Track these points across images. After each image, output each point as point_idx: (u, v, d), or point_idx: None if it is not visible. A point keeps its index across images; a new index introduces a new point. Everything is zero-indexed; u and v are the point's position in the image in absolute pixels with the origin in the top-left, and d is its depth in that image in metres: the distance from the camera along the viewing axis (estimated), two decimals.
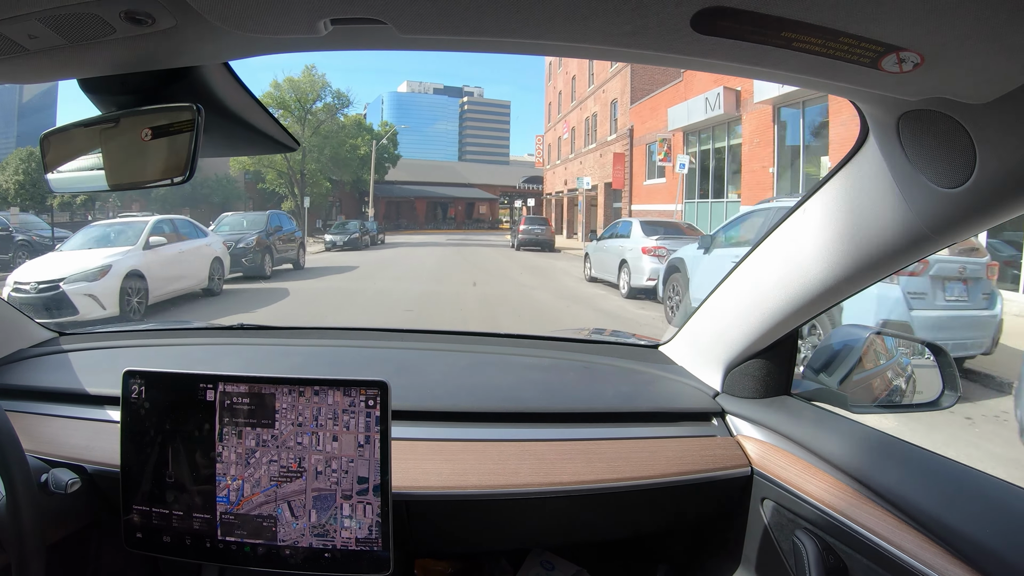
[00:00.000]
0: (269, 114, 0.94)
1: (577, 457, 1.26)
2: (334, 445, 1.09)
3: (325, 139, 37.85)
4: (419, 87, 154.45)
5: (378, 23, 0.62)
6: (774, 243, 1.19)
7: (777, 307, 1.21)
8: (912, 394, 1.36)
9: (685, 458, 1.29)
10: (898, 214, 0.89)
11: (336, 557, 1.10)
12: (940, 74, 0.64)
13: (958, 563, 0.88)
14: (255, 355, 1.71)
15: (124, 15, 0.64)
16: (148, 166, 0.80)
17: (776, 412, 1.32)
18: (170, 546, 1.13)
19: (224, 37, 0.68)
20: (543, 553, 1.50)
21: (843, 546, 1.06)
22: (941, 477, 1.02)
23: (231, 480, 1.11)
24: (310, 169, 37.40)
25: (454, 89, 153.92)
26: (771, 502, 1.24)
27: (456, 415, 1.37)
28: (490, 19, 0.61)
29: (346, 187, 44.77)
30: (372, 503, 1.09)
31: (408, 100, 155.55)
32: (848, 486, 1.10)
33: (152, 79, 0.80)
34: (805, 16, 0.56)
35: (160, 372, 1.14)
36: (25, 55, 0.72)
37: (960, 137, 0.72)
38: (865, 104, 0.82)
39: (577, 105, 35.06)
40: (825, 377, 1.33)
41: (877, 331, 1.35)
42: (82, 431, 1.31)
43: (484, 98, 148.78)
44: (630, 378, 1.56)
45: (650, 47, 0.65)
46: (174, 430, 1.12)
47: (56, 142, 0.88)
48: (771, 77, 0.73)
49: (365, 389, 1.09)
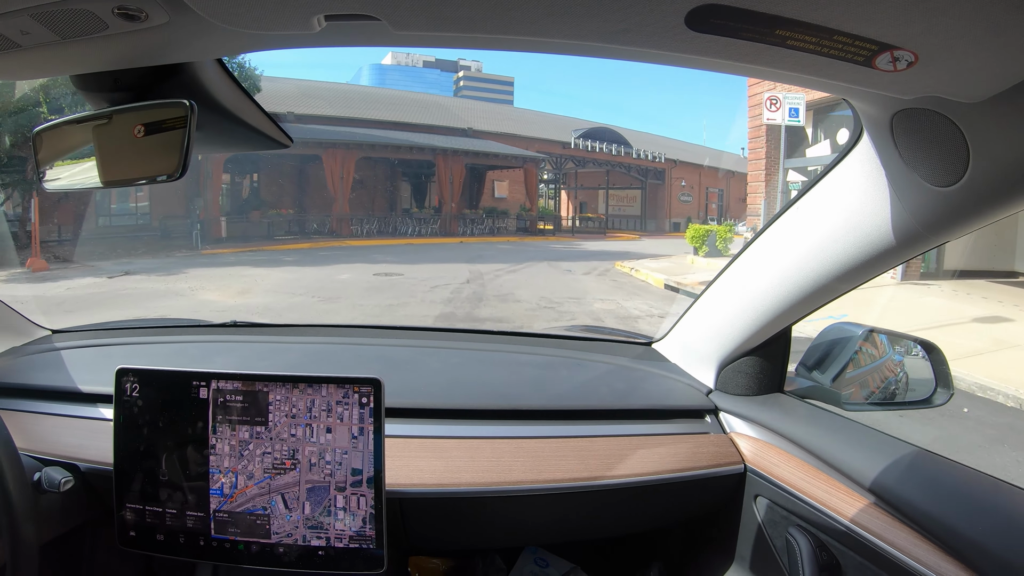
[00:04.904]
0: (262, 110, 0.93)
1: (571, 454, 1.26)
2: (328, 437, 1.09)
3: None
4: (406, 59, 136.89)
5: (372, 19, 0.62)
6: (768, 241, 1.19)
7: (771, 305, 1.22)
8: (905, 391, 1.37)
9: (678, 455, 1.29)
10: (892, 212, 0.90)
11: (330, 554, 1.10)
12: (934, 73, 0.65)
13: (950, 559, 0.89)
14: (249, 352, 1.70)
15: (117, 11, 0.63)
16: (141, 163, 0.80)
17: (769, 409, 1.33)
18: (163, 544, 1.13)
19: (217, 33, 0.68)
20: (537, 550, 1.50)
21: (836, 543, 1.07)
22: (933, 474, 1.02)
23: (224, 473, 1.11)
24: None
25: (448, 63, 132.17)
26: (764, 499, 1.25)
27: (450, 412, 1.37)
28: (483, 16, 0.61)
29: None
30: (366, 495, 1.09)
31: (393, 73, 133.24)
32: (841, 483, 1.11)
33: (145, 75, 0.80)
34: (800, 14, 0.56)
35: (153, 370, 1.13)
36: (17, 51, 0.72)
37: (953, 136, 0.73)
38: (859, 102, 0.82)
39: None
40: (818, 374, 1.34)
41: (870, 328, 1.35)
42: (75, 429, 1.30)
43: (483, 73, 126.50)
44: (623, 375, 1.56)
45: (644, 45, 0.65)
46: (167, 428, 1.12)
47: (48, 139, 0.88)
48: (765, 75, 0.73)
49: (359, 387, 1.09)
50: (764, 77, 0.75)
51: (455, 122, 27.39)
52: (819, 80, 0.73)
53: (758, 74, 0.74)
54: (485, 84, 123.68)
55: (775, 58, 0.65)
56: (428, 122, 26.27)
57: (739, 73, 0.76)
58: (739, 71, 0.74)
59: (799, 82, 0.76)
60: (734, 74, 0.75)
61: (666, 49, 0.66)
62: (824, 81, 0.72)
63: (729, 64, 0.70)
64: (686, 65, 0.72)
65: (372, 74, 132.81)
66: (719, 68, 0.73)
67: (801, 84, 0.78)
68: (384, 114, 25.54)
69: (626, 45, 0.65)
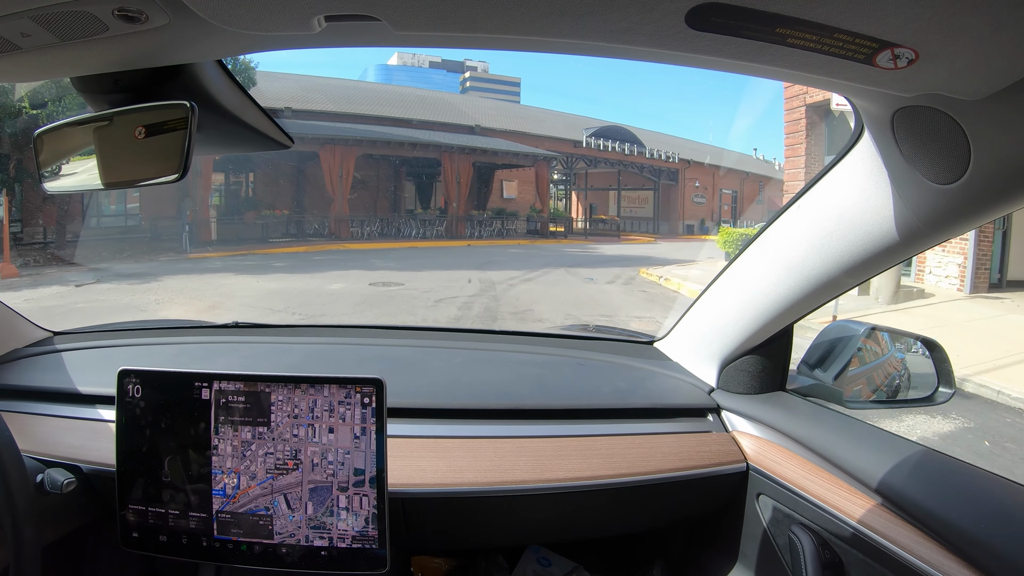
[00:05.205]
0: (263, 111, 0.93)
1: (573, 454, 1.26)
2: (330, 437, 1.10)
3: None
4: (412, 59, 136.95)
5: (372, 20, 0.62)
6: (770, 239, 1.19)
7: (772, 303, 1.22)
8: (907, 389, 1.37)
9: (681, 454, 1.29)
10: (893, 210, 0.90)
11: (333, 555, 1.10)
12: (935, 70, 0.64)
13: (953, 558, 0.89)
14: (251, 353, 1.70)
15: (117, 13, 0.63)
16: (142, 164, 0.80)
17: (772, 408, 1.33)
18: (166, 545, 1.13)
19: (217, 34, 0.68)
20: (540, 549, 1.50)
21: (839, 541, 1.07)
22: (936, 472, 1.02)
23: (227, 473, 1.11)
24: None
25: (454, 63, 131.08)
26: (767, 498, 1.25)
27: (452, 412, 1.37)
28: (483, 16, 0.61)
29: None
30: (368, 495, 1.09)
31: (398, 74, 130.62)
32: (844, 482, 1.11)
33: (145, 77, 0.80)
34: (800, 12, 0.56)
35: (155, 371, 1.13)
36: (18, 53, 0.72)
37: (954, 133, 0.73)
38: (860, 100, 0.82)
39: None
40: (820, 373, 1.33)
41: (872, 327, 1.35)
42: (77, 431, 1.30)
43: (489, 74, 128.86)
44: (625, 374, 1.56)
45: (645, 44, 0.65)
46: (170, 429, 1.12)
47: (49, 141, 0.88)
48: (766, 73, 0.73)
49: (361, 387, 1.09)
50: (765, 75, 0.75)
51: (462, 119, 25.65)
52: (820, 78, 0.73)
53: (759, 72, 0.74)
54: (491, 84, 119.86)
55: (776, 56, 0.65)
56: (433, 119, 24.57)
57: (740, 72, 0.76)
58: (740, 69, 0.74)
59: (800, 80, 0.76)
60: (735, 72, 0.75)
61: (667, 48, 0.66)
62: (825, 79, 0.72)
63: (730, 63, 0.70)
64: (687, 64, 0.72)
65: (378, 74, 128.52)
66: (720, 67, 0.73)
67: (802, 82, 0.78)
68: (387, 110, 23.91)
69: (626, 44, 0.65)
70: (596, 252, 19.48)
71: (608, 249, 20.45)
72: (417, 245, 19.92)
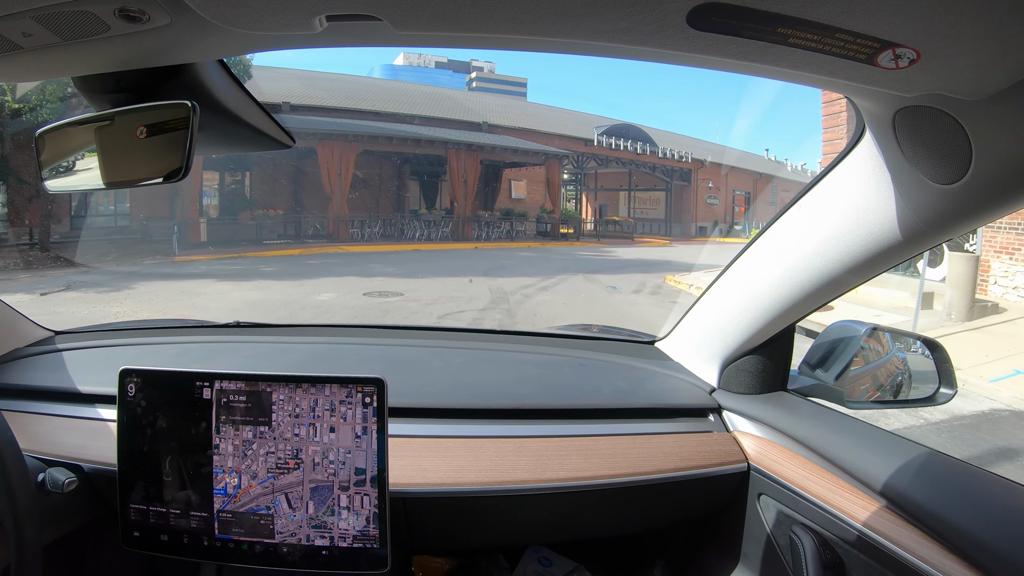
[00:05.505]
0: (264, 111, 0.94)
1: (574, 453, 1.26)
2: (331, 436, 1.10)
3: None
4: (418, 59, 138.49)
5: (373, 19, 0.62)
6: (771, 239, 1.19)
7: (773, 303, 1.22)
8: (908, 390, 1.36)
9: (682, 454, 1.29)
10: (894, 210, 0.90)
11: (334, 554, 1.10)
12: (936, 70, 0.64)
13: (954, 558, 0.89)
14: (252, 352, 1.70)
15: (118, 13, 0.63)
16: (144, 164, 0.80)
17: (773, 408, 1.33)
18: (167, 545, 1.13)
19: (219, 34, 0.68)
20: (540, 549, 1.50)
21: (840, 541, 1.07)
22: (938, 473, 1.02)
23: (228, 473, 1.11)
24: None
25: (460, 63, 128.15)
26: (768, 498, 1.24)
27: (453, 412, 1.37)
28: (485, 16, 0.61)
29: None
30: (369, 494, 1.09)
31: (404, 74, 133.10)
32: (845, 482, 1.11)
33: (147, 77, 0.80)
34: (801, 12, 0.56)
35: (156, 370, 1.13)
36: (19, 53, 0.72)
37: (956, 133, 0.73)
38: (861, 100, 0.82)
39: None
40: (821, 373, 1.33)
41: (873, 327, 1.35)
42: (79, 430, 1.30)
43: (496, 74, 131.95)
44: (626, 374, 1.56)
45: (646, 43, 0.65)
46: (171, 428, 1.12)
47: (51, 140, 0.88)
48: (768, 73, 0.73)
49: (362, 386, 1.09)
50: (766, 75, 0.75)
51: (468, 116, 24.19)
52: (821, 78, 0.72)
53: (760, 72, 0.73)
54: (498, 85, 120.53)
55: (777, 56, 0.65)
56: (439, 115, 23.02)
57: (741, 71, 0.75)
58: (741, 69, 0.74)
59: (802, 80, 0.76)
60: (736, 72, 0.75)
61: (668, 48, 0.66)
62: (826, 79, 0.72)
63: (731, 63, 0.70)
64: (688, 64, 0.72)
65: (383, 74, 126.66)
66: (721, 67, 0.73)
67: (803, 82, 0.78)
68: (389, 106, 22.55)
69: (628, 44, 0.65)
70: (612, 256, 18.43)
71: (624, 252, 19.50)
72: (421, 247, 19.05)
